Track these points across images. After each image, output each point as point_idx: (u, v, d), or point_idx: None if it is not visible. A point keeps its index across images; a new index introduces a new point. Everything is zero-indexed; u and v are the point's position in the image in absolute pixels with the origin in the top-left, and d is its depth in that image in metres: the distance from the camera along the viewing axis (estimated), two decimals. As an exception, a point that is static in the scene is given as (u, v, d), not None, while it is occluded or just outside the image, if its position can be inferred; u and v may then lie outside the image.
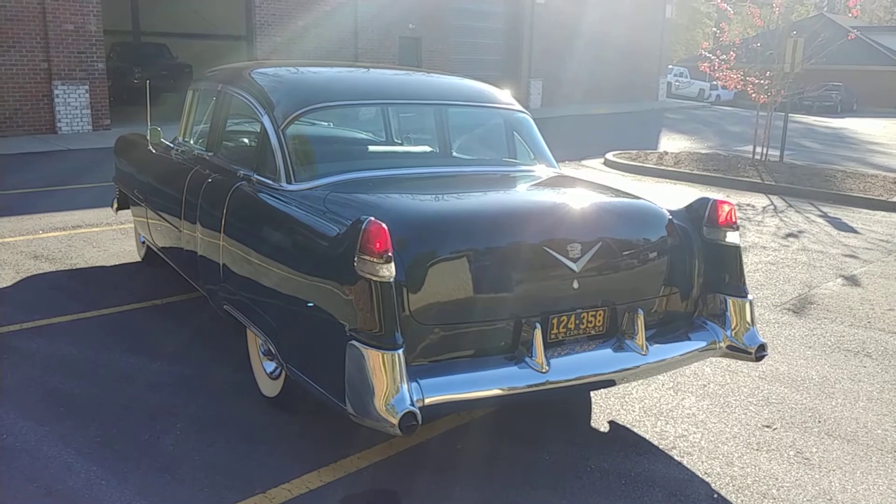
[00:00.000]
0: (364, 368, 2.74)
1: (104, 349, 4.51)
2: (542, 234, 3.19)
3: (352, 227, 2.86)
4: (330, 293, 2.96)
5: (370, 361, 2.73)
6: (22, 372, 4.15)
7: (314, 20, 18.17)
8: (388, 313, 2.75)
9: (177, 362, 4.33)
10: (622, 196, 3.82)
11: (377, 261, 2.74)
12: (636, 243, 3.50)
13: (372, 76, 4.60)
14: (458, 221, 3.14)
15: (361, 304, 2.78)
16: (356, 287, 2.80)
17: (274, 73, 4.50)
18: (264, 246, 3.54)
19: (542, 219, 3.30)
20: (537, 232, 3.20)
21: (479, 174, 4.05)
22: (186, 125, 5.20)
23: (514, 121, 4.48)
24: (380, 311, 2.74)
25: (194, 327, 4.92)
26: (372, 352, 2.73)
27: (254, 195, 3.76)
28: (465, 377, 2.97)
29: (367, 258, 2.76)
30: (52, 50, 14.04)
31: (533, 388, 3.04)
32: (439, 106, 4.25)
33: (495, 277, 3.10)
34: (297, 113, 3.84)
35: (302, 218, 3.34)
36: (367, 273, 2.76)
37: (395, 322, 2.76)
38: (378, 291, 2.74)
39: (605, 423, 3.80)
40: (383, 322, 2.74)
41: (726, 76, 14.09)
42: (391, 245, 2.77)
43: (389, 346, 2.73)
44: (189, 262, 4.54)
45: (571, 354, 3.23)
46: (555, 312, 3.21)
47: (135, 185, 5.75)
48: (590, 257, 3.25)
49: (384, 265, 2.74)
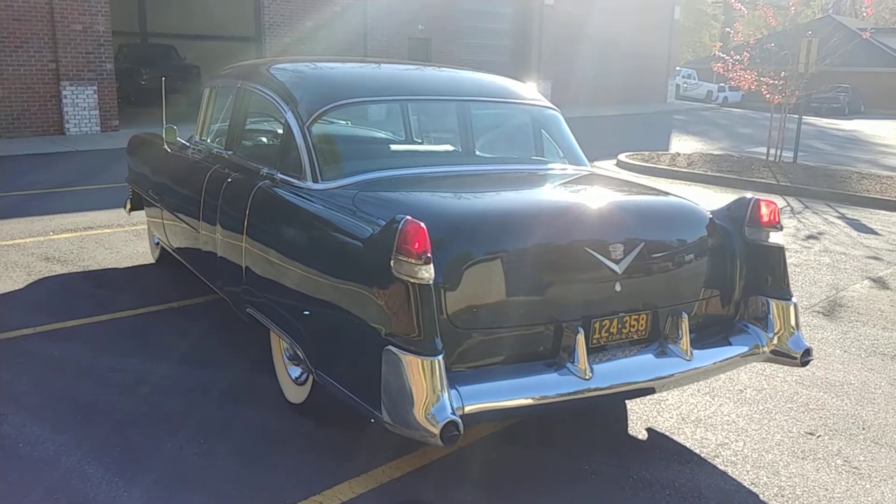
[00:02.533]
0: (402, 375, 2.61)
1: (121, 354, 4.38)
2: (583, 235, 3.06)
3: (387, 228, 2.73)
4: (363, 296, 2.83)
5: (409, 368, 2.59)
6: (38, 377, 4.02)
7: (323, 21, 18.07)
8: (427, 317, 2.61)
9: (197, 367, 4.20)
10: (662, 195, 3.68)
11: (416, 262, 2.61)
12: (678, 244, 3.36)
13: (395, 72, 4.47)
14: (497, 220, 3.01)
15: (399, 308, 2.65)
16: (393, 290, 2.66)
17: (296, 69, 4.36)
18: (290, 248, 3.41)
19: (582, 218, 3.16)
20: (578, 232, 3.07)
21: (510, 172, 3.91)
22: (203, 123, 5.07)
23: (543, 118, 4.35)
24: (419, 315, 2.61)
25: (213, 331, 4.79)
26: (411, 357, 2.59)
27: (278, 195, 3.63)
28: (506, 384, 2.84)
29: (405, 259, 2.63)
30: (59, 50, 13.96)
31: (576, 396, 2.90)
32: (467, 102, 4.12)
33: (535, 279, 2.97)
34: (322, 109, 3.72)
35: (331, 218, 3.21)
36: (405, 275, 2.63)
37: (434, 326, 2.62)
38: (417, 294, 2.61)
39: (642, 430, 3.66)
40: (423, 326, 2.60)
41: (740, 77, 13.94)
42: (430, 245, 2.63)
43: (429, 351, 2.60)
44: (207, 264, 4.42)
45: (614, 360, 3.09)
46: (597, 316, 3.08)
47: (149, 186, 5.62)
48: (632, 258, 3.11)
49: (423, 267, 2.61)
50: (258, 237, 3.67)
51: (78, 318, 4.93)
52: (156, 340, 4.63)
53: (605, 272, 3.06)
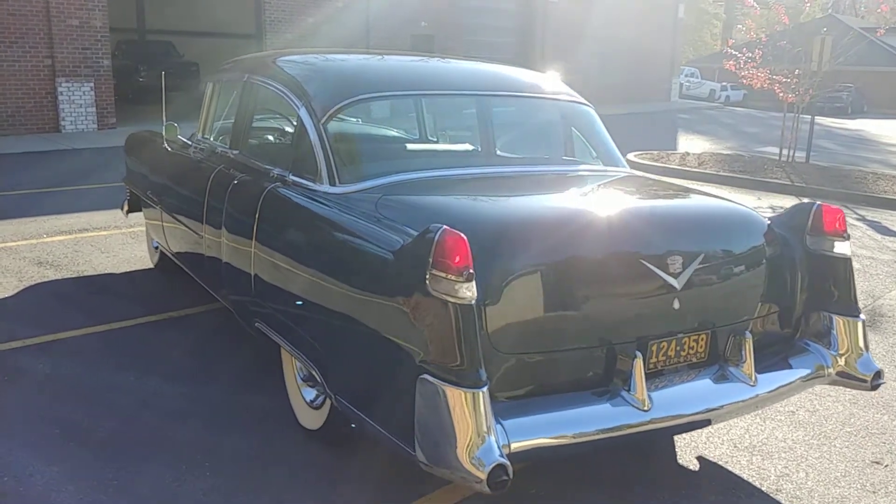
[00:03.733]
0: (441, 410, 2.27)
1: (118, 370, 4.03)
2: (638, 245, 2.72)
3: (421, 238, 2.39)
4: (392, 314, 2.49)
5: (450, 402, 2.25)
6: (26, 397, 3.68)
7: (325, 17, 17.69)
8: (470, 343, 2.27)
9: (200, 386, 3.86)
10: (716, 200, 3.35)
11: (456, 279, 2.27)
12: (737, 255, 3.03)
13: (414, 65, 4.11)
14: (542, 229, 2.66)
15: (436, 331, 2.31)
16: (429, 310, 2.32)
17: (307, 61, 4.02)
18: (306, 257, 3.07)
19: (636, 226, 2.82)
20: (633, 242, 2.73)
21: (546, 174, 3.56)
22: (206, 120, 4.73)
23: (574, 114, 4.00)
24: (460, 340, 2.27)
25: (217, 344, 4.45)
26: (452, 390, 2.25)
27: (291, 199, 3.29)
28: (555, 417, 2.50)
29: (443, 275, 2.28)
30: (56, 46, 13.57)
31: (634, 430, 2.56)
32: (494, 98, 3.77)
33: (585, 296, 2.63)
34: (339, 105, 3.37)
35: (353, 226, 2.87)
36: (443, 293, 2.29)
37: (478, 353, 2.28)
38: (458, 316, 2.27)
39: (693, 459, 3.32)
40: (465, 353, 2.26)
41: (753, 75, 13.60)
42: (471, 260, 2.29)
43: (473, 383, 2.26)
44: (211, 272, 4.08)
45: (671, 387, 2.75)
46: (653, 337, 2.74)
47: (148, 186, 5.28)
48: (691, 272, 2.77)
49: (465, 284, 2.27)
50: (269, 244, 3.34)
51: (71, 330, 4.58)
52: (155, 354, 4.29)
53: (663, 287, 2.72)
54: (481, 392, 2.25)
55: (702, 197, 3.37)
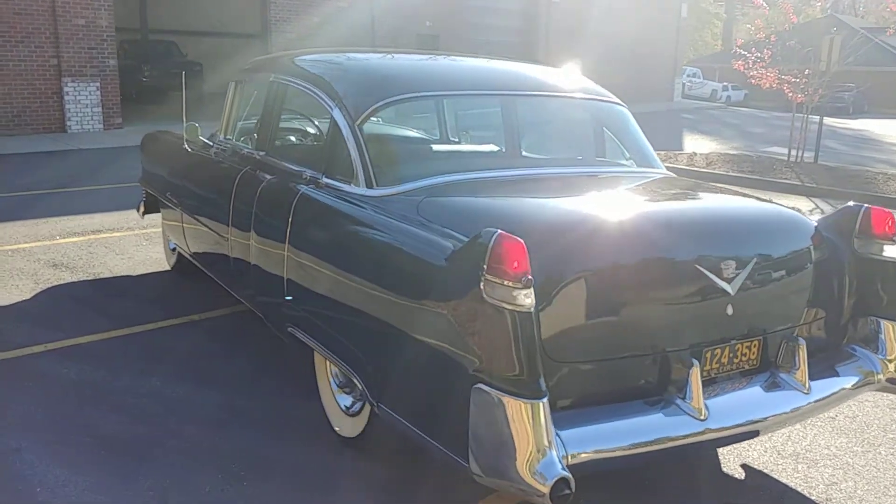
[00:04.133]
0: (499, 421, 2.20)
1: (144, 375, 3.96)
2: (692, 249, 2.65)
3: (474, 243, 2.32)
4: (442, 322, 2.41)
5: (509, 412, 2.18)
6: (53, 404, 3.60)
7: (330, 17, 17.62)
8: (530, 351, 2.20)
9: (230, 392, 3.78)
10: (763, 202, 3.28)
11: (514, 285, 2.19)
12: (786, 259, 2.96)
13: (445, 64, 4.03)
14: (596, 233, 2.59)
15: (492, 340, 2.23)
16: (484, 318, 2.25)
17: (338, 61, 3.94)
18: (346, 262, 2.99)
19: (690, 230, 2.75)
20: (687, 246, 2.66)
21: (589, 176, 3.48)
22: (228, 121, 4.65)
23: (609, 114, 3.93)
24: (519, 350, 2.19)
25: (242, 348, 4.38)
26: (511, 400, 2.18)
27: (327, 202, 3.22)
28: (611, 427, 2.43)
29: (499, 281, 2.21)
30: (62, 45, 13.49)
31: (690, 440, 2.49)
32: (534, 98, 3.69)
33: (639, 302, 2.56)
34: (375, 106, 3.30)
35: (396, 231, 2.79)
36: (500, 300, 2.21)
37: (538, 363, 2.21)
38: (516, 324, 2.20)
39: (737, 468, 3.25)
40: (525, 363, 2.19)
41: (762, 75, 13.54)
42: (529, 265, 2.22)
43: (533, 393, 2.18)
44: (237, 274, 4.01)
45: (724, 395, 2.68)
46: (708, 344, 2.67)
47: (167, 188, 5.20)
48: (745, 277, 2.70)
49: (523, 290, 2.20)
50: (305, 248, 3.26)
51: (92, 334, 4.51)
52: (178, 359, 4.21)
53: (717, 293, 2.65)
54: (542, 403, 2.18)
55: (748, 199, 3.30)
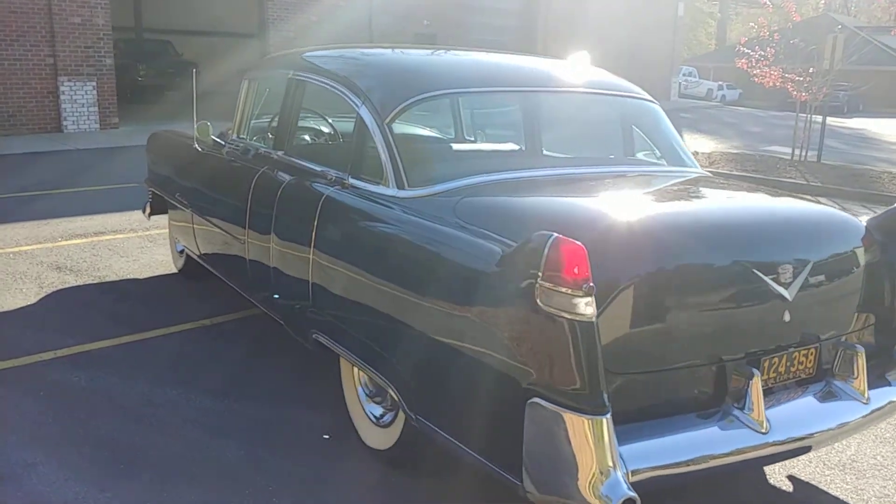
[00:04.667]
0: (558, 438, 2.06)
1: (158, 383, 3.81)
2: (750, 253, 2.53)
3: (526, 247, 2.18)
4: (491, 331, 2.28)
5: (570, 429, 2.05)
6: (66, 414, 3.45)
7: (327, 15, 17.46)
8: (592, 364, 2.06)
9: (249, 401, 3.64)
10: (812, 203, 3.15)
11: (574, 293, 2.06)
12: (840, 262, 2.83)
13: (473, 60, 3.88)
14: (654, 235, 2.46)
15: (551, 351, 2.10)
16: (539, 327, 2.12)
17: (363, 56, 3.80)
18: (379, 266, 2.85)
19: (747, 232, 2.62)
20: (745, 249, 2.53)
21: (632, 175, 3.35)
22: (242, 120, 4.50)
23: (640, 111, 3.80)
24: (580, 362, 2.06)
25: (257, 354, 4.23)
26: (572, 416, 2.05)
27: (356, 204, 3.08)
28: (670, 441, 2.30)
29: (557, 289, 2.07)
30: (57, 44, 13.29)
31: (752, 454, 2.37)
32: (569, 94, 3.55)
33: (696, 309, 2.44)
34: (405, 103, 3.16)
35: (434, 234, 2.65)
36: (559, 309, 2.08)
37: (601, 376, 2.08)
38: (577, 334, 2.06)
39: (784, 479, 3.13)
40: (586, 376, 2.06)
41: (765, 73, 13.46)
42: (590, 271, 2.08)
43: (596, 408, 2.05)
44: (255, 279, 3.86)
45: (781, 405, 2.55)
46: (766, 353, 2.54)
47: (176, 189, 5.05)
48: (802, 281, 2.58)
49: (584, 298, 2.06)
50: (331, 251, 3.12)
51: (102, 340, 4.35)
52: (193, 366, 4.07)
53: (774, 298, 2.53)
54: (605, 419, 2.05)
55: (797, 199, 3.18)
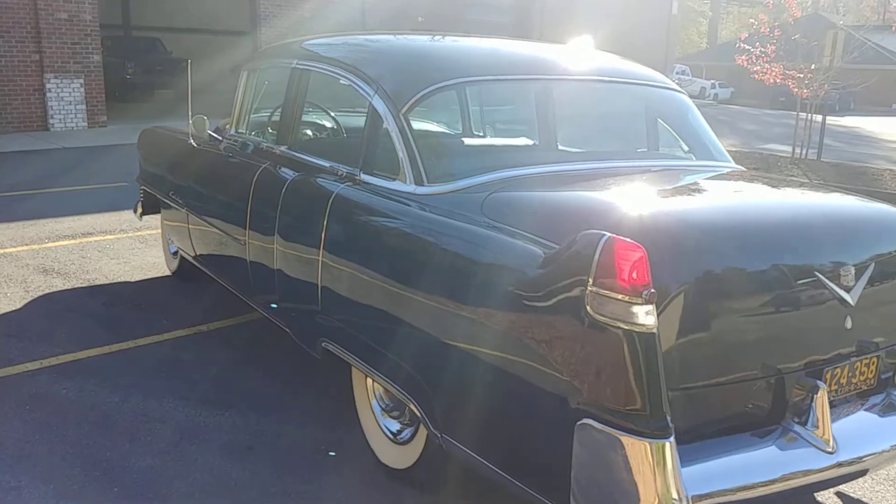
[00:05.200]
0: (614, 464, 1.83)
1: (153, 395, 3.55)
2: (809, 254, 2.30)
3: (575, 249, 1.93)
4: (532, 343, 2.04)
5: (628, 454, 1.81)
6: (54, 431, 3.19)
7: (320, 10, 17.17)
8: (654, 381, 1.82)
9: (253, 413, 3.39)
10: (863, 199, 2.93)
11: (632, 300, 1.82)
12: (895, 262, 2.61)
13: (492, 47, 3.61)
14: (711, 235, 2.22)
15: (604, 367, 1.86)
16: (592, 340, 1.88)
17: (373, 43, 3.55)
18: (398, 270, 2.60)
19: (806, 231, 2.39)
20: (804, 250, 2.30)
21: (669, 169, 3.13)
22: (240, 113, 4.24)
23: (667, 101, 3.57)
24: (640, 378, 1.82)
25: (261, 362, 3.97)
26: (631, 440, 1.81)
27: (371, 202, 2.83)
28: (730, 463, 2.07)
29: (611, 295, 1.84)
30: (44, 41, 12.95)
31: (818, 476, 2.14)
32: (597, 84, 3.31)
33: (754, 315, 2.20)
34: (422, 92, 2.91)
35: (462, 234, 2.41)
36: (614, 319, 1.84)
37: (663, 394, 1.84)
38: (636, 347, 1.82)
39: (831, 496, 2.90)
40: (648, 395, 1.82)
41: (767, 69, 13.28)
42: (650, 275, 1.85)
43: (659, 431, 1.81)
44: (257, 282, 3.62)
45: (842, 420, 2.32)
46: (827, 363, 2.32)
47: (170, 187, 4.79)
48: (864, 284, 2.35)
49: (644, 307, 1.82)
50: (343, 254, 2.88)
51: (92, 348, 4.09)
52: (190, 376, 3.81)
53: (836, 303, 2.30)
54: (668, 443, 1.81)
55: (849, 196, 2.95)
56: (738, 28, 59.61)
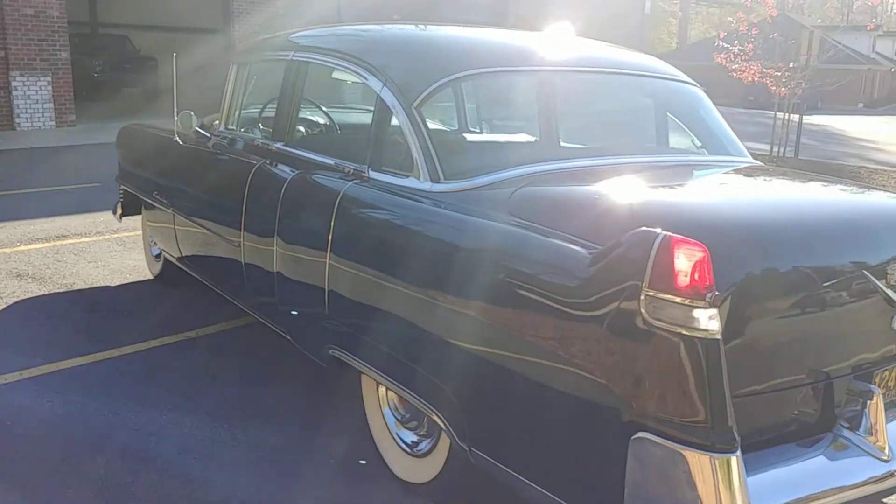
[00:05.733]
0: (675, 481, 1.69)
1: (144, 406, 3.35)
2: (857, 252, 2.19)
3: (626, 248, 1.79)
4: (576, 351, 1.89)
5: (692, 470, 1.67)
6: (39, 448, 2.97)
7: (293, 8, 16.90)
8: (719, 390, 1.69)
9: (253, 426, 3.20)
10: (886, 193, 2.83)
11: (694, 303, 1.68)
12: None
13: (502, 39, 3.44)
14: (763, 233, 2.09)
15: (663, 376, 1.72)
16: (648, 347, 1.73)
17: (380, 33, 3.38)
18: (421, 273, 2.43)
19: (853, 228, 2.27)
20: (855, 249, 2.19)
21: (698, 165, 3.01)
22: (230, 108, 4.04)
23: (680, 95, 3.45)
24: (703, 388, 1.68)
25: (256, 370, 3.78)
26: (695, 455, 1.67)
27: (383, 200, 2.67)
28: (787, 474, 1.94)
29: (670, 299, 1.70)
30: (9, 37, 12.53)
31: (875, 486, 2.02)
32: (614, 76, 3.19)
33: (803, 318, 2.08)
34: (437, 83, 2.76)
35: (491, 233, 2.25)
36: (673, 324, 1.70)
37: (729, 404, 1.70)
38: (699, 354, 1.68)
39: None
40: (712, 405, 1.68)
41: (745, 68, 13.32)
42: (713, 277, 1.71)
43: (725, 444, 1.68)
44: (254, 286, 3.44)
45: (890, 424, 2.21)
46: (876, 366, 2.20)
47: (154, 187, 4.57)
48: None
49: (707, 310, 1.69)
50: (354, 256, 2.71)
51: (75, 357, 3.86)
52: (182, 385, 3.60)
53: (884, 303, 2.18)
54: (735, 457, 1.68)
55: (882, 192, 2.85)
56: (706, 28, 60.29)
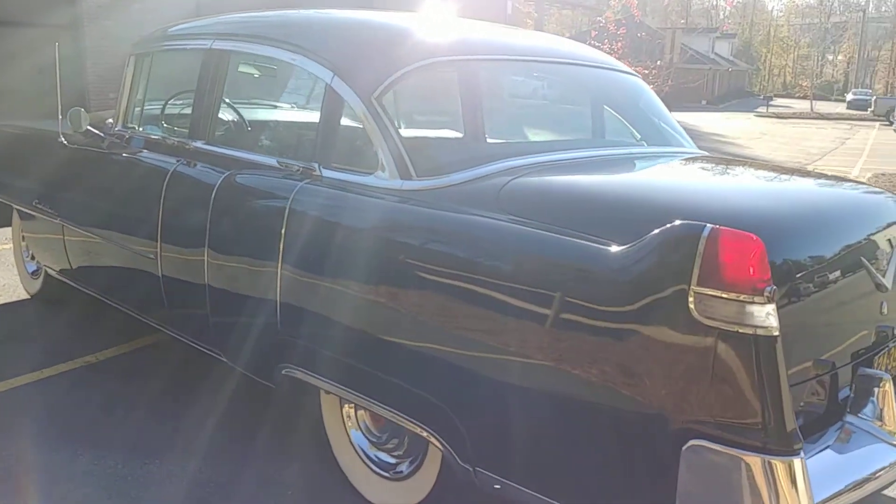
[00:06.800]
0: (738, 489, 1.57)
1: (55, 447, 2.89)
2: (860, 240, 2.20)
3: (669, 243, 1.65)
4: (613, 353, 1.73)
5: (756, 476, 1.56)
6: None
7: (151, 5, 15.86)
8: (779, 392, 1.58)
9: (193, 459, 2.83)
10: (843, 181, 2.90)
11: (752, 298, 1.56)
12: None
13: (463, 26, 3.24)
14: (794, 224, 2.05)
15: (719, 378, 1.59)
16: (700, 347, 1.60)
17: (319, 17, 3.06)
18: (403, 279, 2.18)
19: (849, 216, 2.28)
20: (858, 237, 2.20)
21: (691, 157, 2.95)
22: (128, 105, 3.61)
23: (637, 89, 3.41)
24: (762, 388, 1.57)
25: (172, 394, 3.37)
26: (757, 460, 1.56)
27: (347, 202, 2.41)
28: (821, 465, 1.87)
29: (724, 296, 1.57)
30: None
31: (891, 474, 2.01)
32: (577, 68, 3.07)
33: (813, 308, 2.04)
34: (399, 73, 2.52)
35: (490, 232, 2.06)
36: (728, 322, 1.57)
37: (790, 404, 1.60)
38: (757, 353, 1.57)
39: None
40: (772, 406, 1.57)
41: (615, 66, 13.84)
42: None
43: (789, 446, 1.58)
44: (176, 303, 3.08)
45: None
46: (872, 352, 2.21)
47: (34, 195, 4.04)
48: (895, 268, 2.28)
49: (766, 306, 1.57)
50: (315, 267, 2.42)
51: (-48, 395, 3.32)
52: (97, 419, 3.15)
53: (873, 289, 2.20)
54: (800, 459, 1.58)
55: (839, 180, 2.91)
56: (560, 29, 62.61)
